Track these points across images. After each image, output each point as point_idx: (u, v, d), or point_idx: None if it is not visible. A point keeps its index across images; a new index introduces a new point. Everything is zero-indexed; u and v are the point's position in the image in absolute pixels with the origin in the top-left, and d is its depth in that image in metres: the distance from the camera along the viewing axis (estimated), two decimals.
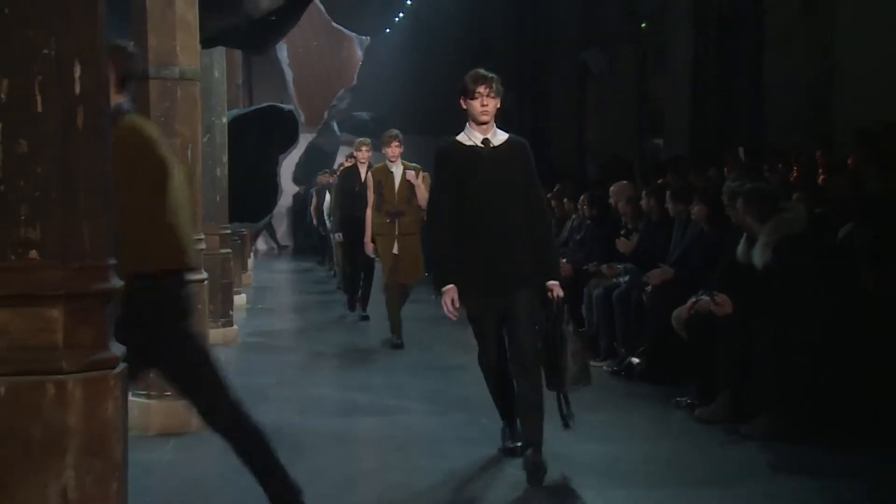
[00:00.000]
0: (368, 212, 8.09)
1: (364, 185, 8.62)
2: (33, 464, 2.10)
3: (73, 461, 2.12)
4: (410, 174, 7.73)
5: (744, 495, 4.19)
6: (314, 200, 15.14)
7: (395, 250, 7.80)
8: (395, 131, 8.02)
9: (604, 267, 7.28)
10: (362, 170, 9.25)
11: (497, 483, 4.38)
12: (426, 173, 7.64)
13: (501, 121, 5.82)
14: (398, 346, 7.97)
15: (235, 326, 8.59)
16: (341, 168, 11.88)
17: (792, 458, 4.70)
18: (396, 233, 7.80)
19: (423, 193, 7.56)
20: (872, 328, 5.00)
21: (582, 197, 8.42)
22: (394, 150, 7.87)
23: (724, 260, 5.74)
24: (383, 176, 7.96)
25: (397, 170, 7.88)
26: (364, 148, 9.47)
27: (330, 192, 11.84)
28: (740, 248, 5.38)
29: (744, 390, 5.28)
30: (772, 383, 5.06)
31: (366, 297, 9.84)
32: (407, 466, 4.64)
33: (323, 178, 15.11)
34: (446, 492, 4.25)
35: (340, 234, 9.95)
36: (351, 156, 10.97)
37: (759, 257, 5.24)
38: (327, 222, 12.54)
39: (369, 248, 8.21)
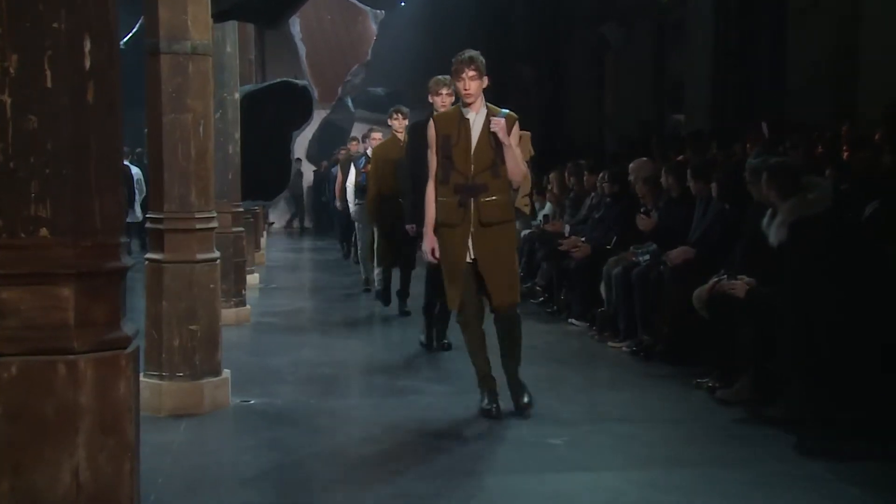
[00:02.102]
0: (429, 188, 5.09)
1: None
2: (45, 443, 2.12)
3: (86, 440, 2.14)
4: (498, 122, 4.90)
5: (764, 477, 4.15)
6: (338, 178, 12.44)
7: (470, 254, 4.98)
8: (472, 52, 4.99)
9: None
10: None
11: (514, 464, 4.35)
12: (527, 132, 5.43)
13: (518, 94, 5.70)
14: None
15: (248, 306, 8.57)
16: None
17: (813, 440, 4.64)
18: (474, 222, 4.95)
19: (515, 159, 4.97)
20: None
21: (601, 174, 8.33)
22: (467, 84, 4.93)
23: (745, 238, 5.68)
24: (453, 127, 5.00)
25: (477, 117, 4.97)
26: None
27: (356, 167, 10.19)
28: (765, 221, 5.32)
29: (765, 371, 5.23)
30: (793, 364, 5.00)
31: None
32: (423, 447, 4.61)
33: (347, 150, 13.00)
34: (464, 472, 4.22)
35: (414, 227, 6.82)
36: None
37: (774, 235, 5.19)
38: (351, 204, 10.41)
39: (428, 245, 5.10)
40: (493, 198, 4.93)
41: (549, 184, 10.06)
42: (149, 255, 5.25)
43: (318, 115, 16.55)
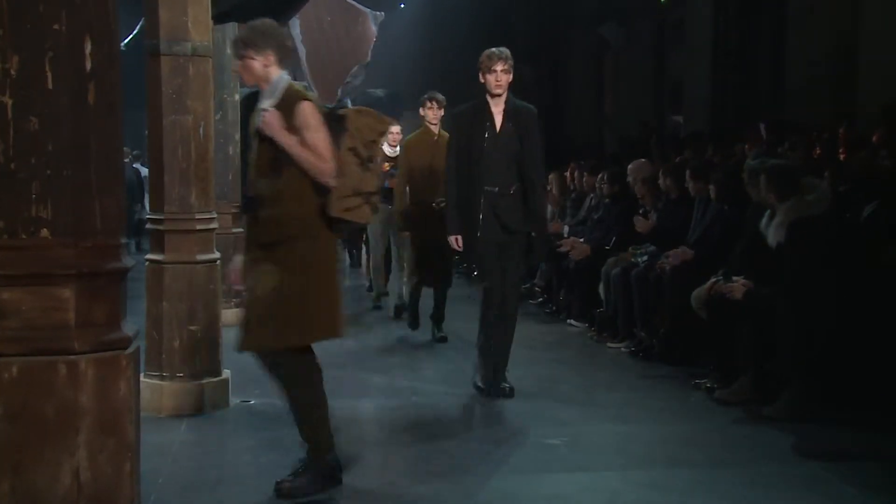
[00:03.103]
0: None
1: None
2: (46, 443, 2.12)
3: (86, 441, 2.14)
4: (263, 119, 3.79)
5: (763, 477, 4.14)
6: None
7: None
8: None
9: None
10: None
11: (513, 464, 4.34)
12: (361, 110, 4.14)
13: (518, 94, 5.66)
14: None
15: None
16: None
17: (813, 440, 4.64)
18: (249, 245, 3.88)
19: (303, 154, 3.69)
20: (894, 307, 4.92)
21: (601, 175, 8.31)
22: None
23: (744, 239, 5.67)
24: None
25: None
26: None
27: None
28: (763, 222, 5.32)
29: (765, 371, 5.23)
30: (793, 364, 5.00)
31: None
32: (422, 447, 4.60)
33: None
34: (462, 473, 4.21)
35: (458, 238, 5.58)
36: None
37: (772, 237, 5.19)
38: None
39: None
40: (267, 212, 3.73)
41: (549, 185, 10.05)
42: (149, 256, 5.24)
43: None
